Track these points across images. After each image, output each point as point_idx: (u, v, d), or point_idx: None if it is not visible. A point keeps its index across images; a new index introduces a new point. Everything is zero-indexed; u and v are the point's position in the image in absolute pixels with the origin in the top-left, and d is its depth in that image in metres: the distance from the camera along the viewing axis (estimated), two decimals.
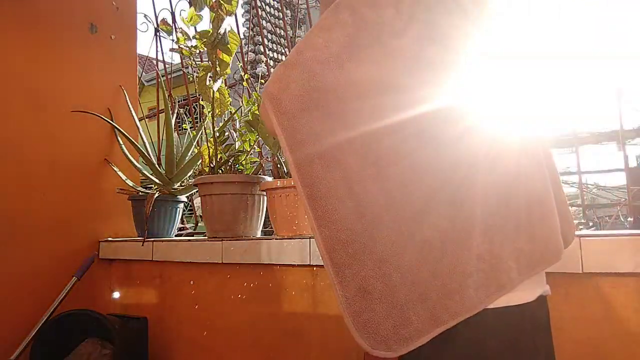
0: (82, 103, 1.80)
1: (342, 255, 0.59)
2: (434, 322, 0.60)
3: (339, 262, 0.59)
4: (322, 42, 0.64)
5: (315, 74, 0.62)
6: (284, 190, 1.31)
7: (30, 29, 1.71)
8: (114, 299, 1.81)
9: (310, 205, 0.60)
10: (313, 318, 1.24)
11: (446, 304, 0.61)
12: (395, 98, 0.66)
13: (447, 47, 0.68)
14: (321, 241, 0.59)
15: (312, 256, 1.21)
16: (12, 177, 1.61)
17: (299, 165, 0.60)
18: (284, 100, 0.62)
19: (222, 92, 1.52)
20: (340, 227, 0.59)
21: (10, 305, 1.56)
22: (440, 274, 0.61)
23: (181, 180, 1.81)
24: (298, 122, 0.61)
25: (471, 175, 0.65)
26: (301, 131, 0.61)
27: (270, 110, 0.62)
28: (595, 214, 7.31)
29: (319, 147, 0.61)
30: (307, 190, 0.60)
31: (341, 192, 0.61)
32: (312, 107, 0.62)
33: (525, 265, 0.68)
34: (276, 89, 0.63)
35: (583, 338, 0.89)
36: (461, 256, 0.62)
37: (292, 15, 8.82)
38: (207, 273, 1.49)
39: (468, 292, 0.61)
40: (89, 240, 1.80)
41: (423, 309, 0.60)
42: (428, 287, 0.61)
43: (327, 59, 0.63)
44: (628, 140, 6.05)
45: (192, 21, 1.52)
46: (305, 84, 0.62)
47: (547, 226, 0.71)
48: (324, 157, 0.61)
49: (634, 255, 0.84)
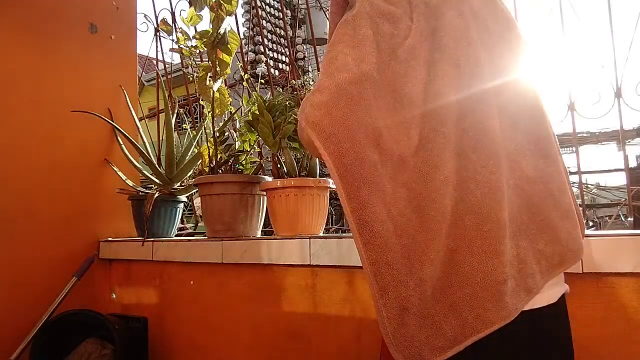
0: (82, 103, 1.80)
1: (388, 277, 0.59)
2: (468, 332, 0.60)
3: (384, 285, 0.59)
4: (351, 61, 0.64)
5: (353, 97, 0.63)
6: (284, 190, 1.31)
7: (30, 29, 1.71)
8: (113, 299, 1.81)
9: (359, 230, 0.60)
10: (313, 318, 1.24)
11: (479, 313, 0.61)
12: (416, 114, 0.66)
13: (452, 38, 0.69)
14: (368, 265, 0.59)
15: (312, 256, 1.21)
16: (12, 176, 1.61)
17: (348, 192, 0.60)
18: (327, 126, 0.61)
19: (222, 92, 1.52)
20: (385, 250, 0.60)
21: (10, 305, 1.56)
22: (470, 283, 0.61)
23: (181, 180, 1.81)
24: (343, 146, 0.61)
25: (495, 180, 0.65)
26: (347, 155, 0.61)
27: (315, 137, 0.62)
28: (595, 214, 7.31)
29: (364, 172, 0.61)
30: (355, 216, 0.60)
31: (383, 216, 0.61)
32: (355, 130, 0.62)
33: (547, 267, 0.68)
34: (318, 116, 0.62)
35: (583, 338, 0.88)
36: (492, 264, 0.62)
37: (292, 15, 8.81)
38: (207, 273, 1.49)
39: (503, 299, 0.61)
40: (89, 240, 1.80)
41: (455, 319, 0.60)
42: (459, 296, 0.61)
43: (360, 80, 0.63)
44: (628, 140, 6.05)
45: (192, 21, 1.52)
46: (345, 108, 0.62)
47: (567, 226, 0.72)
48: (367, 182, 0.61)
49: (634, 255, 0.84)
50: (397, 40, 0.67)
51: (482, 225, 0.63)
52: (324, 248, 1.19)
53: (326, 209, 1.38)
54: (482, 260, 0.62)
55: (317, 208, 1.33)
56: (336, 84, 0.63)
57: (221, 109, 1.52)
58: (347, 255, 1.15)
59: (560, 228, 0.71)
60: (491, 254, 0.62)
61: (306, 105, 0.64)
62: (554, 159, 0.73)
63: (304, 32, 9.05)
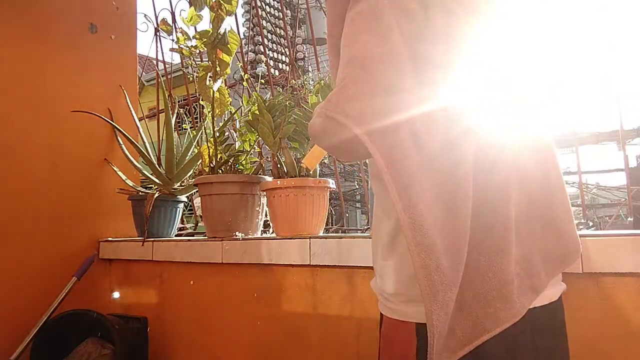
0: (82, 103, 1.80)
1: (437, 282, 0.57)
2: (477, 331, 0.60)
3: (435, 290, 0.56)
4: (382, 53, 0.60)
5: (391, 89, 0.59)
6: (284, 190, 1.31)
7: (30, 29, 1.71)
8: (114, 299, 1.81)
9: (412, 230, 0.56)
10: (313, 318, 1.24)
11: (489, 312, 0.60)
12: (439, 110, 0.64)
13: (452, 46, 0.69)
14: (420, 267, 0.56)
15: (312, 256, 1.21)
16: (13, 177, 1.61)
17: (400, 189, 0.57)
18: (370, 119, 0.57)
19: (222, 92, 1.52)
20: (433, 252, 0.57)
21: (10, 305, 1.56)
22: (480, 283, 0.61)
23: (181, 180, 1.81)
24: (390, 140, 0.57)
25: (504, 176, 0.64)
26: (395, 150, 0.57)
27: (360, 132, 0.57)
28: (595, 214, 7.31)
29: (410, 168, 0.58)
30: (408, 214, 0.56)
31: (429, 216, 0.58)
32: (399, 124, 0.58)
33: (551, 266, 0.68)
34: (359, 109, 0.58)
35: (583, 338, 0.88)
36: (500, 263, 0.61)
37: (292, 15, 8.81)
38: (207, 273, 1.49)
39: (512, 298, 0.61)
40: (89, 240, 1.80)
41: (465, 319, 0.60)
42: (469, 296, 0.61)
43: (396, 72, 0.60)
44: (628, 140, 6.05)
45: (192, 21, 1.52)
46: (385, 100, 0.58)
47: (568, 224, 0.72)
48: (414, 179, 0.58)
49: (634, 255, 0.84)
50: (415, 35, 0.66)
51: (490, 225, 0.63)
52: (324, 248, 1.19)
53: (326, 209, 1.38)
54: (491, 260, 0.62)
55: (317, 208, 1.33)
56: (371, 75, 0.59)
57: (221, 109, 1.52)
58: (347, 255, 1.15)
59: (562, 225, 0.71)
60: (500, 254, 0.62)
61: (340, 99, 0.59)
62: (553, 156, 0.74)
63: (304, 32, 9.05)
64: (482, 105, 0.67)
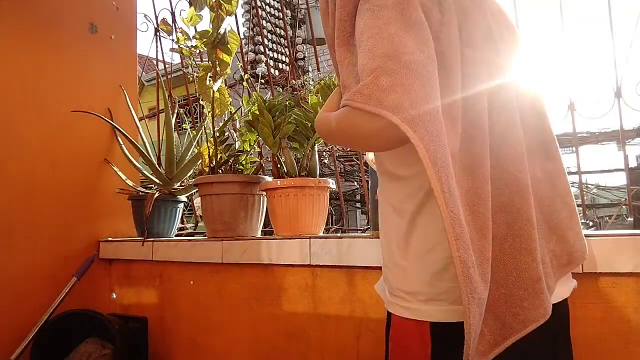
0: (82, 103, 1.80)
1: (474, 278, 0.56)
2: (507, 333, 0.59)
3: (473, 287, 0.56)
4: (412, 44, 0.59)
5: (426, 79, 0.58)
6: (284, 190, 1.31)
7: (30, 29, 1.71)
8: (114, 299, 1.81)
9: (452, 224, 0.55)
10: (313, 318, 1.24)
11: (516, 312, 0.60)
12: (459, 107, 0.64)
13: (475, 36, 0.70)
14: (459, 263, 0.55)
15: (312, 256, 1.21)
16: (13, 177, 1.61)
17: (442, 181, 0.56)
18: (409, 108, 0.56)
19: (222, 92, 1.52)
20: (469, 248, 0.57)
21: (10, 305, 1.55)
22: (505, 283, 0.61)
23: (181, 180, 1.81)
24: (431, 130, 0.56)
25: (523, 178, 0.64)
26: (435, 141, 0.56)
27: (400, 121, 0.55)
28: (595, 214, 7.32)
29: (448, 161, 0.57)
30: (450, 208, 0.55)
31: (462, 211, 0.58)
32: (436, 113, 0.58)
33: (557, 267, 0.69)
34: (396, 99, 0.56)
35: (583, 338, 0.88)
36: (525, 261, 0.61)
37: (292, 15, 8.81)
38: (207, 273, 1.49)
39: (540, 297, 0.60)
40: (89, 240, 1.80)
41: (494, 321, 0.60)
42: (496, 297, 0.60)
43: (426, 62, 0.59)
44: (628, 140, 6.05)
45: (192, 21, 1.52)
46: (421, 90, 0.57)
47: (574, 226, 0.72)
48: (451, 172, 0.58)
49: (634, 255, 0.84)
50: (432, 31, 0.64)
51: (512, 224, 0.63)
52: (324, 248, 1.19)
53: (326, 209, 1.38)
54: (515, 258, 0.61)
55: (317, 208, 1.33)
56: (405, 65, 0.57)
57: (221, 109, 1.52)
58: (347, 255, 1.15)
59: (569, 228, 0.71)
60: (524, 252, 0.62)
61: (372, 92, 0.57)
62: (560, 161, 0.74)
63: (304, 32, 9.05)
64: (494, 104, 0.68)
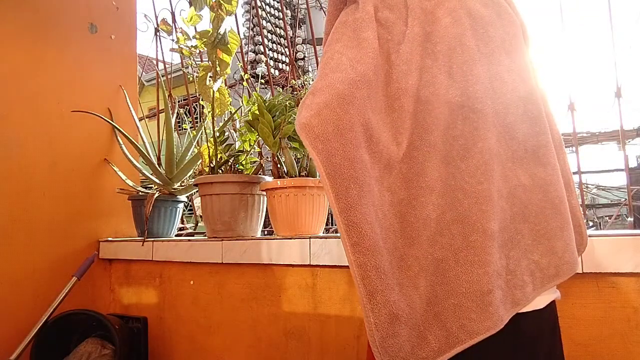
0: (82, 103, 1.80)
1: (375, 281, 0.58)
2: (452, 342, 0.60)
3: (372, 289, 0.57)
4: (346, 61, 0.64)
5: (345, 96, 0.62)
6: (284, 190, 1.31)
7: (30, 29, 1.71)
8: (114, 299, 1.81)
9: (347, 231, 0.58)
10: (313, 318, 1.24)
11: (463, 323, 0.60)
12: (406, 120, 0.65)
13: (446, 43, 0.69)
14: (356, 268, 0.58)
15: (312, 256, 1.21)
16: (12, 177, 1.61)
17: (337, 192, 0.59)
18: (316, 126, 0.61)
19: (222, 92, 1.52)
20: (373, 253, 0.58)
21: (10, 305, 1.55)
22: (455, 293, 0.61)
23: (181, 180, 1.81)
24: (332, 145, 0.60)
25: (484, 189, 0.64)
26: (336, 155, 0.60)
27: (304, 137, 0.61)
28: (595, 214, 7.32)
29: (354, 172, 0.60)
30: (344, 216, 0.58)
31: (371, 218, 0.60)
32: (346, 130, 0.61)
33: (540, 279, 0.67)
34: (308, 116, 0.61)
35: (583, 338, 0.88)
36: (477, 273, 0.61)
37: (292, 15, 8.81)
38: (207, 273, 1.49)
39: (488, 310, 0.61)
40: (89, 240, 1.80)
41: (440, 329, 0.60)
42: (444, 306, 0.61)
43: (354, 80, 0.63)
44: (628, 140, 6.05)
45: (192, 21, 1.52)
46: (337, 107, 0.61)
47: (565, 237, 0.70)
48: (357, 182, 0.60)
49: (634, 255, 0.84)
50: (391, 45, 0.67)
51: (468, 235, 0.62)
52: (324, 248, 1.19)
53: (326, 209, 1.38)
54: (467, 270, 0.61)
55: (317, 208, 1.33)
56: (328, 84, 0.63)
57: (221, 109, 1.52)
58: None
59: (558, 238, 0.69)
60: (477, 264, 0.61)
61: (301, 107, 0.64)
62: (554, 167, 0.72)
63: (304, 32, 9.06)
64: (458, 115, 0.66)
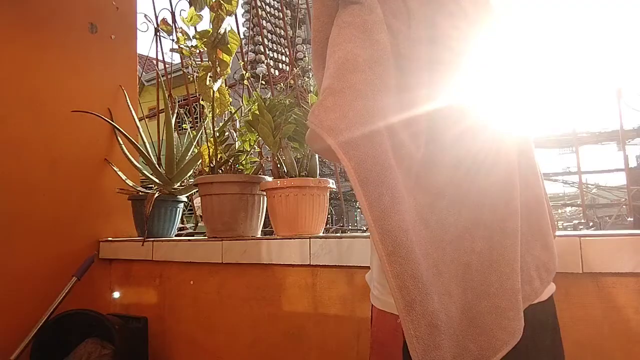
0: (82, 103, 1.80)
1: (413, 291, 0.55)
2: (498, 345, 0.59)
3: (410, 299, 0.55)
4: (363, 62, 0.61)
5: (369, 98, 0.59)
6: (284, 190, 1.31)
7: (30, 29, 1.71)
8: (114, 299, 1.81)
9: (382, 240, 0.55)
10: (313, 318, 1.24)
11: (504, 324, 0.59)
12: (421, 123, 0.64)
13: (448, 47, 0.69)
14: (392, 277, 0.55)
15: (312, 256, 1.21)
16: (12, 177, 1.61)
17: (370, 199, 0.56)
18: (344, 129, 0.57)
19: (222, 92, 1.52)
20: (409, 261, 0.56)
21: (10, 305, 1.56)
22: (487, 295, 0.60)
23: (181, 180, 1.81)
24: (363, 150, 0.57)
25: (501, 189, 0.64)
26: (367, 160, 0.57)
27: (333, 142, 0.57)
28: (595, 214, 7.32)
29: (385, 178, 0.57)
30: (378, 225, 0.56)
31: (405, 225, 0.57)
32: (374, 133, 0.58)
33: (545, 272, 0.68)
34: (333, 119, 0.58)
35: (583, 338, 0.88)
36: (505, 273, 0.61)
37: (292, 15, 8.81)
38: (207, 273, 1.49)
39: (521, 307, 0.61)
40: (89, 240, 1.80)
41: (480, 335, 0.59)
42: (478, 310, 0.60)
43: (374, 81, 0.60)
44: (628, 140, 6.05)
45: (192, 21, 1.52)
46: (362, 110, 0.58)
47: (551, 234, 0.72)
48: (389, 188, 0.58)
49: (634, 255, 0.84)
50: (398, 49, 0.66)
51: (491, 237, 0.62)
52: (324, 248, 1.19)
53: (326, 209, 1.38)
54: (495, 271, 0.61)
55: (317, 208, 1.33)
56: (349, 85, 0.59)
57: (221, 109, 1.52)
58: (347, 255, 1.15)
59: (549, 234, 0.72)
60: (503, 264, 0.61)
61: (319, 110, 0.60)
62: (533, 163, 0.73)
63: (304, 32, 9.06)
64: (465, 117, 0.66)
